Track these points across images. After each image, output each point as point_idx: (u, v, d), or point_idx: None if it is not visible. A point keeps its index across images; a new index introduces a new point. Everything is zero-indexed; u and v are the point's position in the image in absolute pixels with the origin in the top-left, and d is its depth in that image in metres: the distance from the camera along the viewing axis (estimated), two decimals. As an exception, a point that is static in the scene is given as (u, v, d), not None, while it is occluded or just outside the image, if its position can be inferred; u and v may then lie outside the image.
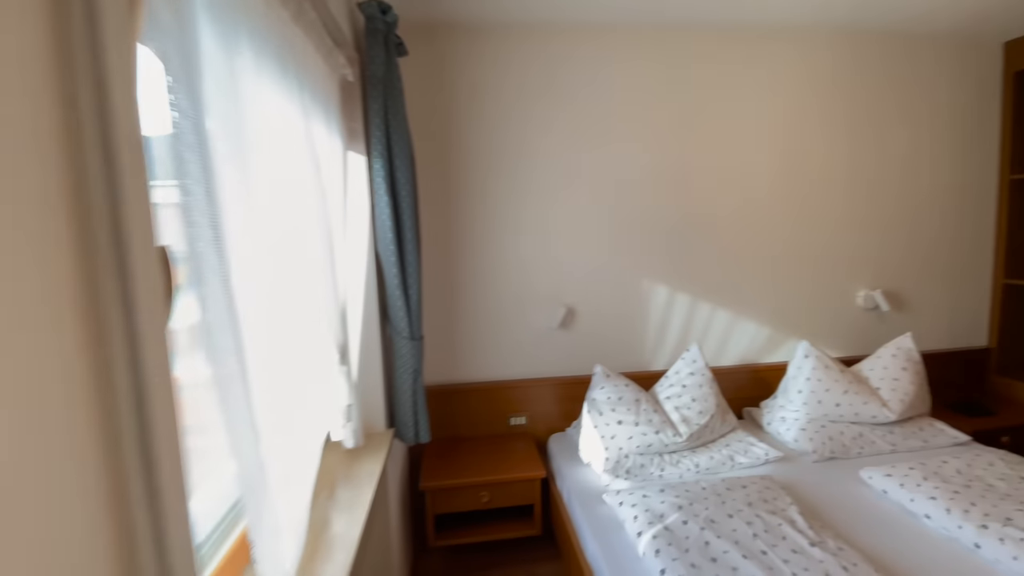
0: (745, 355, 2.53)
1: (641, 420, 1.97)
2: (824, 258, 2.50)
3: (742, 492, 1.65)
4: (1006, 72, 2.51)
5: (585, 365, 2.36)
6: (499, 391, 2.33)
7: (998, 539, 1.38)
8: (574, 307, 2.35)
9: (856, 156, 2.45)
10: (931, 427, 2.15)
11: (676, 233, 2.38)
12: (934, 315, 2.63)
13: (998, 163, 2.57)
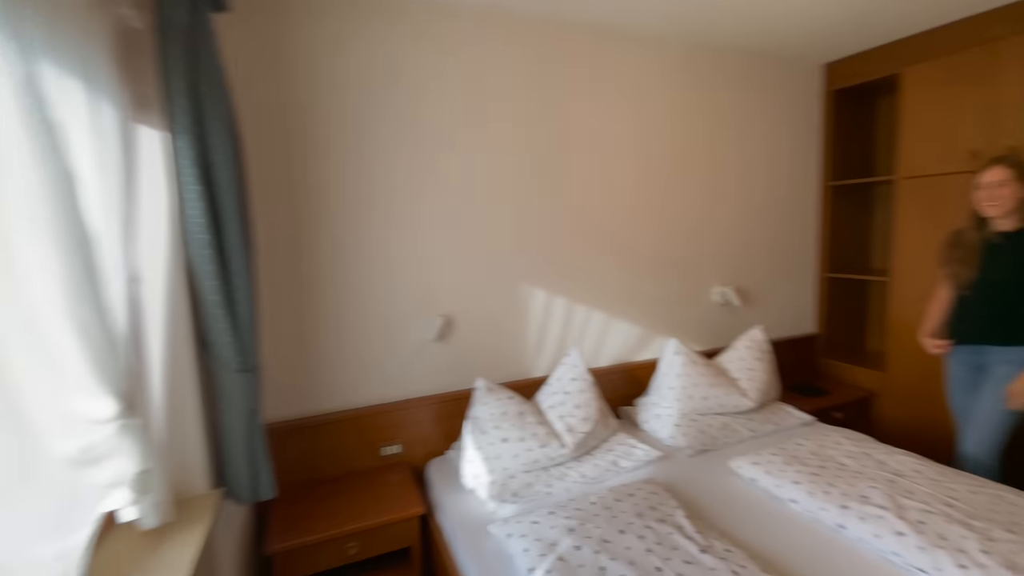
0: (619, 354, 2.54)
1: (526, 435, 1.82)
2: (683, 258, 2.62)
3: (630, 502, 1.58)
4: (827, 91, 2.89)
5: (466, 378, 2.16)
6: (367, 419, 2.02)
7: (859, 518, 1.47)
8: (452, 316, 2.14)
9: (705, 163, 2.62)
10: (782, 411, 2.34)
11: (551, 235, 2.31)
12: (775, 307, 2.92)
13: (820, 171, 2.95)
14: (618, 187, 2.42)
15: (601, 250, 2.42)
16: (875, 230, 3.07)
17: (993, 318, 1.91)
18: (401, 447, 2.09)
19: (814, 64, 2.86)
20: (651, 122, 2.47)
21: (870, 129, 3.01)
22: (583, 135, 2.32)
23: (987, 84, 2.15)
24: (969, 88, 2.21)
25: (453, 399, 2.14)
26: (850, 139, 2.94)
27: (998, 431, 1.90)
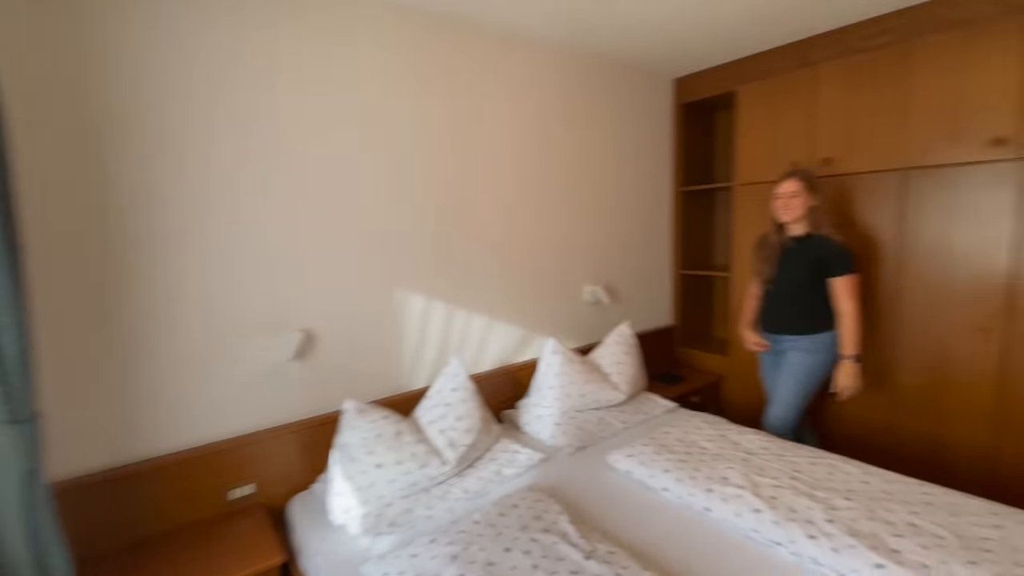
0: (501, 357, 2.50)
1: (404, 457, 1.66)
2: (557, 259, 2.66)
3: (515, 514, 1.51)
4: (676, 104, 3.14)
5: (333, 400, 1.93)
6: (208, 459, 1.69)
7: (721, 500, 1.57)
8: (313, 330, 1.89)
9: (575, 167, 2.68)
10: (649, 401, 2.48)
11: (428, 237, 2.17)
12: (638, 303, 3.12)
13: (672, 178, 3.21)
14: (495, 189, 2.37)
15: (480, 253, 2.35)
16: (718, 231, 3.44)
17: (787, 311, 2.22)
18: (254, 487, 1.79)
19: (667, 78, 3.10)
20: (524, 125, 2.46)
21: (713, 140, 3.36)
22: (456, 135, 2.22)
23: (808, 102, 2.50)
24: (793, 105, 2.55)
25: (318, 424, 1.89)
26: (696, 149, 3.25)
27: (788, 407, 2.23)
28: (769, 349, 2.36)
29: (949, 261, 2.14)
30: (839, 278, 2.08)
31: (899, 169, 2.23)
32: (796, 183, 2.11)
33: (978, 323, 2.08)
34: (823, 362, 2.16)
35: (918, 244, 2.22)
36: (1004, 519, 1.37)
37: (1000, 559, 1.21)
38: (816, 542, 1.35)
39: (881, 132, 2.27)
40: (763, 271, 2.27)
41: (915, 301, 2.24)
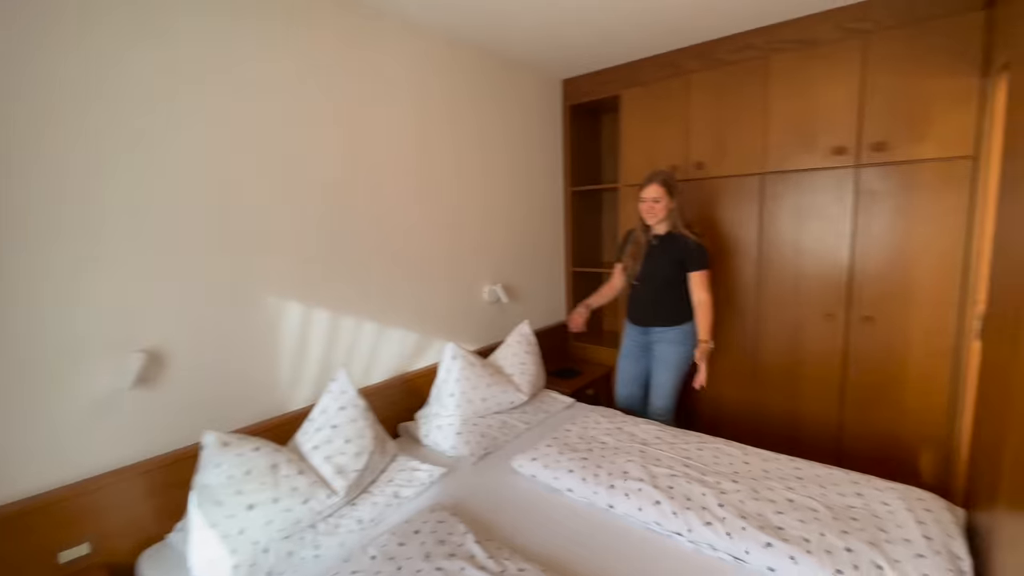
0: (396, 366, 2.32)
1: (282, 493, 1.44)
2: (453, 260, 2.54)
3: (416, 541, 1.38)
4: (565, 104, 3.17)
5: (193, 431, 1.63)
6: (33, 515, 1.32)
7: (624, 495, 1.58)
8: (160, 350, 1.57)
9: (470, 167, 2.59)
10: (548, 398, 2.48)
11: (308, 240, 1.92)
12: (536, 300, 3.12)
13: (564, 178, 3.24)
14: (384, 187, 2.18)
15: (369, 255, 2.14)
16: (606, 230, 3.57)
17: (655, 306, 2.36)
18: (90, 546, 1.43)
19: (556, 79, 3.12)
20: (416, 121, 2.30)
21: (600, 142, 3.48)
22: (339, 130, 1.99)
23: (682, 109, 2.66)
24: (670, 112, 2.70)
25: (172, 462, 1.58)
26: (586, 150, 3.34)
27: (669, 394, 2.38)
28: (583, 328, 2.47)
29: (801, 255, 2.41)
30: (696, 272, 2.25)
31: (759, 173, 2.47)
32: (658, 188, 2.24)
33: (825, 310, 2.37)
34: (690, 351, 2.33)
35: (776, 241, 2.47)
36: (862, 487, 1.54)
37: (865, 526, 1.36)
38: (712, 528, 1.40)
39: (744, 139, 2.48)
40: (630, 267, 2.38)
41: (774, 291, 2.50)
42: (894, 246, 2.18)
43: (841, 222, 2.29)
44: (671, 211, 2.26)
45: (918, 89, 2.06)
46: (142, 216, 1.50)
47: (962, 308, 2.05)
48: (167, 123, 1.54)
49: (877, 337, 2.26)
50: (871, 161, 2.18)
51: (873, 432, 2.31)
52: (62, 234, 1.36)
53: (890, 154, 2.14)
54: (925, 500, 1.46)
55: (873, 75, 2.15)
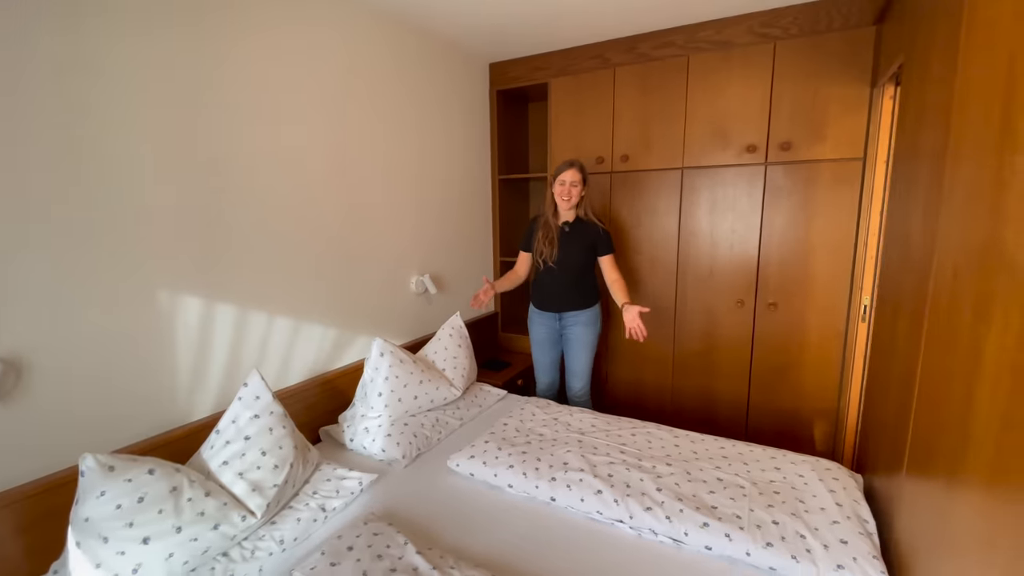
0: (314, 366, 2.12)
1: (186, 521, 1.23)
2: (377, 248, 2.38)
3: (351, 559, 1.26)
4: (492, 90, 3.08)
5: (67, 454, 1.36)
6: None
7: (565, 487, 1.56)
8: (18, 357, 1.27)
9: (394, 149, 2.42)
10: (481, 391, 2.42)
11: (208, 226, 1.67)
12: (466, 291, 3.02)
13: (491, 165, 3.16)
14: (295, 168, 1.96)
15: (282, 244, 1.92)
16: (532, 218, 3.56)
17: (569, 290, 2.42)
18: (-87, 612, 1.13)
19: (483, 62, 3.02)
20: (343, 99, 2.10)
21: (527, 130, 3.44)
22: (262, 107, 1.75)
23: (609, 101, 2.69)
24: (597, 103, 2.73)
25: (44, 491, 1.30)
26: (513, 137, 3.28)
27: (587, 374, 2.48)
28: (484, 305, 2.40)
29: (716, 246, 2.56)
30: (607, 256, 2.35)
31: (680, 168, 2.58)
32: (576, 173, 2.30)
33: (736, 297, 2.54)
34: (599, 331, 2.48)
35: (695, 232, 2.60)
36: (779, 462, 1.66)
37: (787, 498, 1.46)
38: (652, 513, 1.43)
39: (668, 134, 2.58)
40: (544, 251, 2.39)
41: (692, 280, 2.64)
42: (796, 238, 2.39)
43: (751, 215, 2.46)
44: (583, 197, 2.34)
45: (818, 95, 2.25)
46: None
47: (851, 295, 2.29)
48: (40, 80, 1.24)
49: (780, 321, 2.46)
50: (778, 159, 2.36)
51: (776, 408, 2.53)
52: None
53: (794, 153, 2.33)
54: (832, 470, 1.61)
55: (780, 80, 2.32)
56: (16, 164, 1.24)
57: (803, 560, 1.25)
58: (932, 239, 1.17)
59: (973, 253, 0.93)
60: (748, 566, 1.30)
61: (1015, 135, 0.79)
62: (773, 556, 1.27)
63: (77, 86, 1.34)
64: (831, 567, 1.22)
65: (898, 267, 1.55)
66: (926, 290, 1.19)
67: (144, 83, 1.47)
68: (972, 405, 0.88)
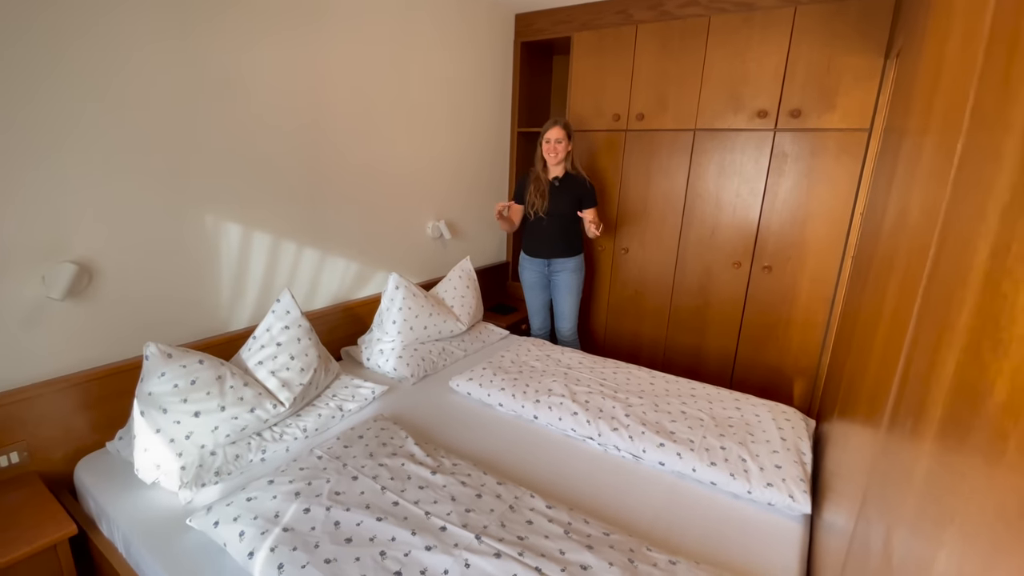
0: (337, 294, 2.38)
1: (229, 403, 1.51)
2: (398, 193, 2.57)
3: (360, 444, 1.53)
4: (516, 40, 3.14)
5: (127, 346, 1.64)
6: None
7: (547, 407, 1.80)
8: (92, 262, 1.53)
9: (419, 96, 2.56)
10: (486, 329, 2.65)
11: (246, 162, 1.88)
12: (479, 239, 3.22)
13: (511, 117, 3.26)
14: (330, 114, 2.13)
15: (313, 182, 2.13)
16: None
17: (557, 240, 2.61)
18: (22, 454, 1.45)
19: (509, 12, 3.07)
20: (368, 47, 2.23)
21: (549, 83, 3.50)
22: (286, 49, 1.90)
23: (629, 59, 2.74)
24: (617, 60, 2.78)
25: (107, 375, 1.59)
26: (535, 90, 3.36)
27: (574, 316, 2.72)
28: (505, 214, 2.58)
29: (720, 209, 2.66)
30: (590, 209, 2.50)
31: (692, 129, 2.65)
32: (561, 130, 2.46)
33: (733, 259, 2.66)
34: (583, 276, 2.71)
35: (701, 194, 2.70)
36: (741, 404, 1.86)
37: (738, 432, 1.66)
38: (618, 433, 1.65)
39: (683, 95, 2.63)
40: (535, 203, 2.57)
41: (695, 240, 2.76)
42: (796, 205, 2.47)
43: (756, 181, 2.54)
44: (569, 153, 2.49)
45: (833, 63, 2.28)
46: (74, 124, 1.42)
47: (843, 262, 2.39)
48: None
49: (773, 285, 2.59)
50: (787, 126, 2.42)
51: (761, 364, 2.70)
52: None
53: (803, 121, 2.38)
54: (787, 413, 1.80)
55: (797, 45, 2.34)
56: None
57: (739, 477, 1.46)
58: (885, 208, 1.30)
59: (902, 218, 1.07)
60: (693, 480, 1.52)
61: (930, 116, 0.91)
62: (714, 473, 1.48)
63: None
64: (762, 484, 1.43)
65: (866, 234, 1.67)
66: (875, 255, 1.32)
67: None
68: (874, 351, 1.05)
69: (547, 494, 1.42)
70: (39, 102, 1.36)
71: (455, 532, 1.18)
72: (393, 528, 1.19)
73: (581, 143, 2.98)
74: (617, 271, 3.03)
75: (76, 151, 1.45)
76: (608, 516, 1.36)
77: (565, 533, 1.20)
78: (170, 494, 1.39)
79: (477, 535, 1.17)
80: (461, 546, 1.14)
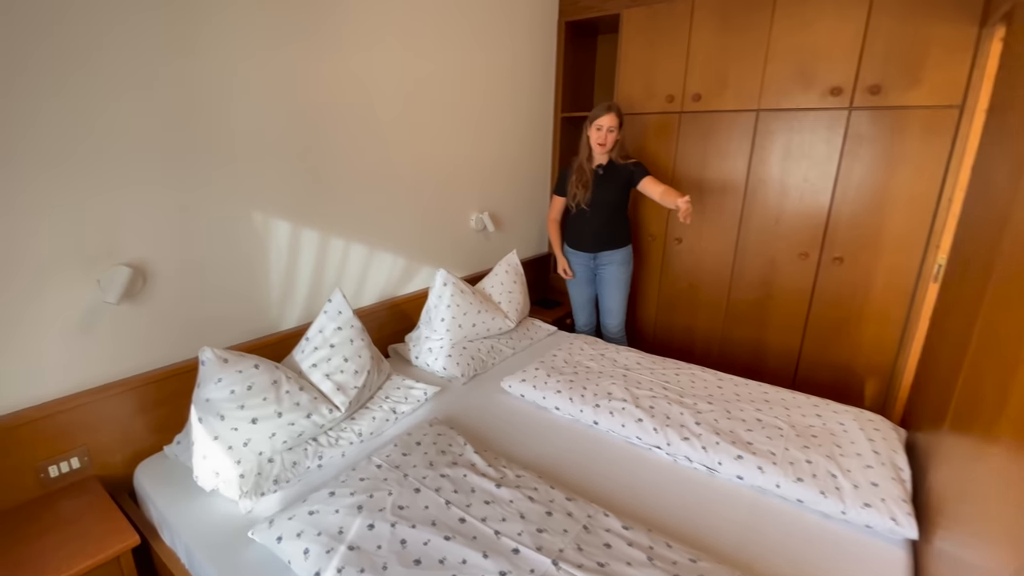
0: (384, 290, 2.32)
1: (285, 408, 1.47)
2: (442, 185, 2.47)
3: (419, 452, 1.46)
4: (560, 20, 2.98)
5: (182, 348, 1.62)
6: (15, 431, 1.31)
7: (608, 413, 1.70)
8: (146, 264, 1.50)
9: (460, 83, 2.44)
10: (533, 326, 2.56)
11: (296, 158, 1.82)
12: (521, 230, 3.11)
13: (555, 102, 3.12)
14: (376, 108, 2.06)
15: (359, 177, 2.06)
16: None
17: (604, 231, 2.48)
18: (82, 459, 1.45)
19: (553, -9, 2.91)
20: (413, 42, 2.14)
21: (592, 65, 3.32)
22: (343, 47, 1.82)
23: (684, 35, 2.56)
24: (672, 37, 2.60)
25: (164, 378, 1.57)
26: (578, 73, 3.19)
27: (622, 312, 2.60)
28: (574, 276, 2.57)
29: (785, 195, 2.47)
30: (646, 179, 2.32)
31: (755, 110, 2.46)
32: (614, 117, 2.29)
33: (800, 249, 2.48)
34: (631, 270, 2.58)
35: (764, 179, 2.51)
36: (821, 410, 1.71)
37: (824, 442, 1.52)
38: (689, 442, 1.54)
39: (745, 73, 2.44)
40: (578, 195, 2.43)
41: (756, 228, 2.58)
42: (873, 191, 2.27)
43: (827, 164, 2.34)
44: (618, 142, 2.34)
45: (918, 33, 2.05)
46: (120, 119, 1.37)
47: (926, 253, 2.19)
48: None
49: (844, 277, 2.40)
50: (864, 104, 2.21)
51: (828, 363, 2.52)
52: (41, 140, 1.24)
53: (883, 98, 2.16)
54: (875, 421, 1.64)
55: (878, 13, 2.12)
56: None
57: (831, 496, 1.33)
58: (1013, 197, 1.13)
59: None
60: (776, 497, 1.40)
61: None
62: (802, 490, 1.36)
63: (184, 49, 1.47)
64: (858, 504, 1.30)
65: (975, 224, 1.49)
66: (998, 249, 1.16)
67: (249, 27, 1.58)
68: (1018, 368, 0.90)
69: (618, 510, 1.32)
70: (87, 107, 1.32)
71: (529, 556, 1.10)
72: (463, 549, 1.12)
73: (630, 128, 2.82)
74: (669, 263, 2.88)
75: (126, 154, 1.41)
76: (687, 537, 1.26)
77: (648, 560, 1.10)
78: (230, 502, 1.35)
79: (554, 560, 1.09)
80: (537, 573, 1.06)
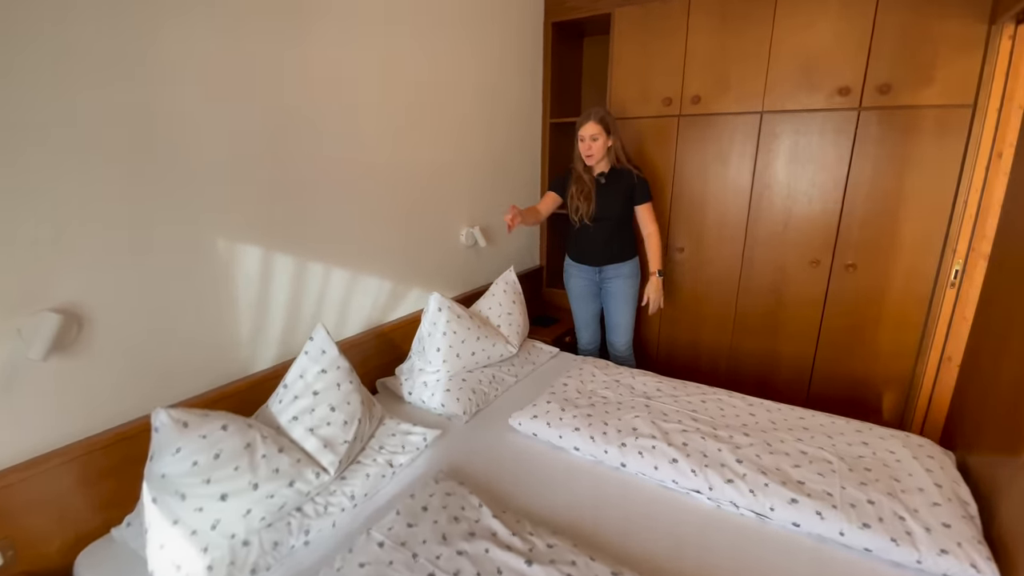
0: (370, 317, 2.07)
1: (262, 477, 1.21)
2: (427, 200, 2.25)
3: (427, 521, 1.23)
4: (547, 21, 2.81)
5: (132, 405, 1.35)
6: None
7: (637, 453, 1.50)
8: (81, 308, 1.22)
9: (444, 92, 2.23)
10: (534, 348, 2.35)
11: (266, 170, 1.56)
12: (513, 244, 2.91)
13: (543, 108, 2.94)
14: (353, 120, 1.83)
15: (338, 194, 1.82)
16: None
17: (609, 244, 2.31)
18: (6, 553, 1.15)
19: (538, -9, 2.74)
20: (393, 48, 1.92)
21: (580, 69, 3.16)
22: (318, 54, 1.58)
23: (681, 36, 2.42)
24: (667, 37, 2.46)
25: (113, 443, 1.29)
26: (566, 77, 3.02)
27: (630, 328, 2.43)
28: (513, 224, 2.09)
29: (793, 200, 2.36)
30: (643, 205, 2.24)
31: (758, 112, 2.33)
32: (596, 125, 2.13)
33: (811, 256, 2.36)
34: (639, 283, 2.40)
35: (769, 184, 2.39)
36: (865, 436, 1.56)
37: (880, 476, 1.37)
38: (734, 486, 1.36)
39: (747, 74, 2.32)
40: (580, 207, 2.26)
41: (763, 235, 2.46)
42: (885, 194, 2.17)
43: (836, 167, 2.23)
44: (610, 149, 2.18)
45: (928, 31, 1.97)
46: (55, 125, 1.11)
47: (942, 257, 2.09)
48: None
49: (858, 284, 2.29)
50: (873, 104, 2.11)
51: (843, 374, 2.40)
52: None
53: (893, 98, 2.07)
54: (925, 447, 1.50)
55: (886, 10, 2.03)
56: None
57: (903, 543, 1.17)
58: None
59: None
60: (840, 546, 1.23)
61: None
62: (870, 537, 1.19)
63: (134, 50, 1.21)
64: (934, 551, 1.14)
65: (1018, 226, 1.37)
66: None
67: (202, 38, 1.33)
68: None
69: (664, 572, 1.12)
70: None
71: (584, 662, 0.89)
72: (499, 658, 0.90)
73: (625, 132, 2.65)
74: (671, 273, 2.73)
75: (53, 167, 1.14)
76: (753, 607, 1.07)
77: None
78: (196, 602, 1.09)
79: (615, 667, 0.88)
80: None
